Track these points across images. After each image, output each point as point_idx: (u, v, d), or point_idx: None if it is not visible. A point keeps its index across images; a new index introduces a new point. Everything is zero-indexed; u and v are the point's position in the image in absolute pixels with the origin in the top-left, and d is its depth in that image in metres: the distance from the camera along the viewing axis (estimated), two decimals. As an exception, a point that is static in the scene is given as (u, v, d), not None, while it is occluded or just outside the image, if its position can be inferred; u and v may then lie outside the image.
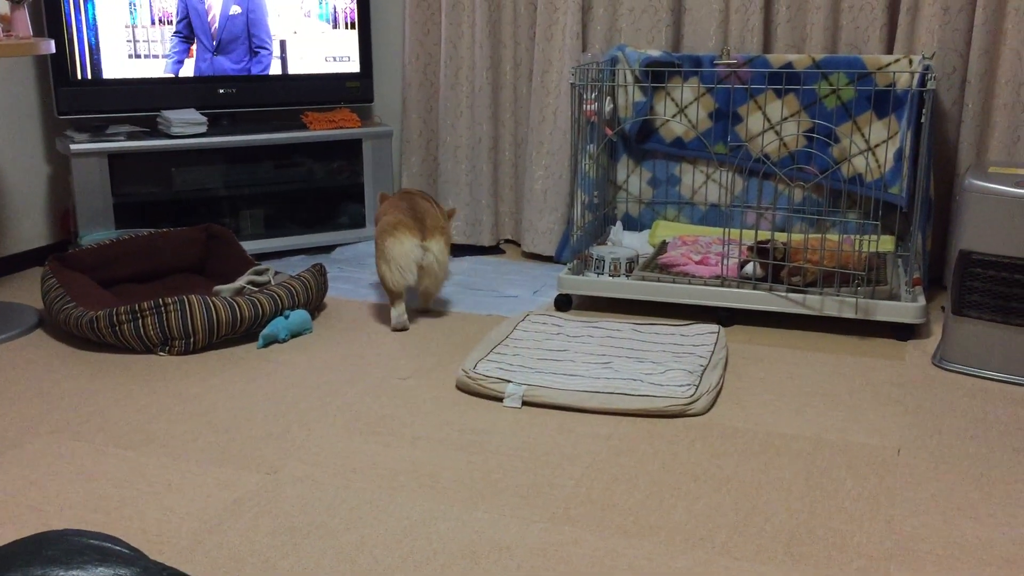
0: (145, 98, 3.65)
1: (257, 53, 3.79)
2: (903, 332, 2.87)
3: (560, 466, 2.08)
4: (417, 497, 1.95)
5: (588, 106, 3.24)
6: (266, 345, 2.84)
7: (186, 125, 3.59)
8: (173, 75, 3.69)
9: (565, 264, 3.49)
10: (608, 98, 3.42)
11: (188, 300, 2.74)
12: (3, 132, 3.53)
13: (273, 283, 3.05)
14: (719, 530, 1.82)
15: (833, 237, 3.14)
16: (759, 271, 2.95)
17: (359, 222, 3.96)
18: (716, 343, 2.72)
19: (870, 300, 2.83)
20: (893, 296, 2.86)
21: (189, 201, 3.70)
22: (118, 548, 0.97)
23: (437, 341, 2.88)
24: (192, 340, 2.76)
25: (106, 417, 2.34)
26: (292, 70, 3.86)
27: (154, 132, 3.67)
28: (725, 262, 3.00)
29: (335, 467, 2.08)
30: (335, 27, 3.90)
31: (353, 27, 3.92)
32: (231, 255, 3.32)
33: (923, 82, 2.89)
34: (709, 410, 2.37)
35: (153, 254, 3.26)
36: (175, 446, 2.19)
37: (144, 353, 2.78)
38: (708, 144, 3.41)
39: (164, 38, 3.65)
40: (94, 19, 3.53)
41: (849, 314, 2.85)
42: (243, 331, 2.84)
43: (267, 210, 3.84)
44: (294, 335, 2.91)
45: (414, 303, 3.17)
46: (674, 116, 3.47)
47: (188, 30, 3.68)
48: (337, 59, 3.92)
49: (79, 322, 2.77)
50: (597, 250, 3.21)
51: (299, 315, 2.92)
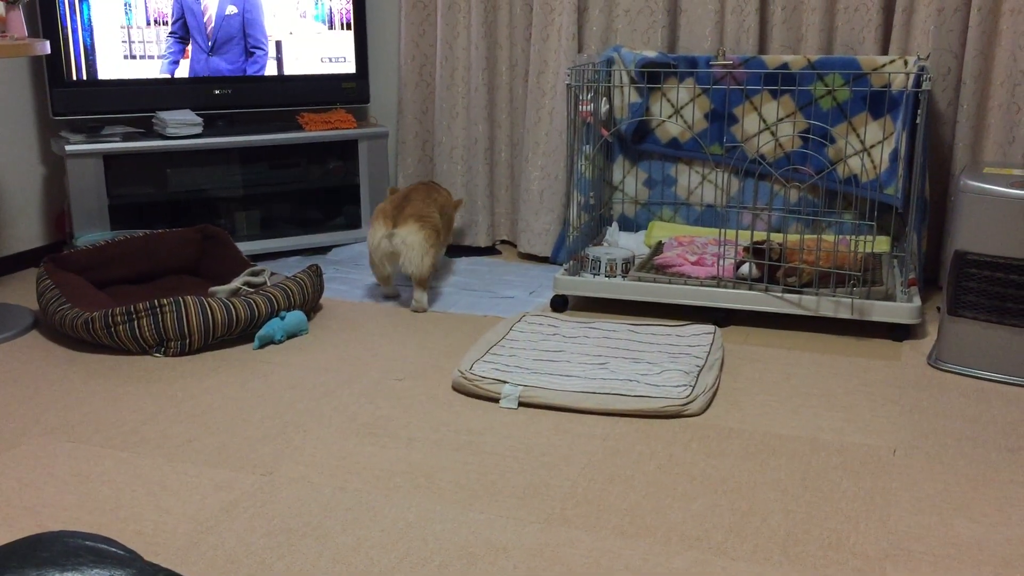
0: (140, 99, 3.65)
1: (253, 54, 3.78)
2: (899, 332, 2.87)
3: (556, 467, 2.08)
4: (413, 498, 1.95)
5: (584, 107, 3.24)
6: (262, 346, 2.84)
7: (181, 126, 3.59)
8: (168, 76, 3.69)
9: (561, 265, 3.49)
10: (604, 99, 3.42)
11: (184, 301, 2.74)
12: (-2, 133, 3.53)
13: (269, 284, 3.04)
14: (715, 530, 1.82)
15: (829, 238, 3.15)
16: (755, 272, 2.95)
17: (355, 223, 3.95)
18: (712, 344, 2.72)
19: (866, 301, 2.84)
20: (889, 297, 2.86)
21: (185, 202, 3.70)
22: (113, 549, 0.97)
23: (433, 342, 2.88)
24: (188, 341, 2.75)
25: (101, 418, 2.34)
26: (288, 71, 3.86)
27: (149, 133, 3.66)
28: (721, 263, 3.00)
29: (331, 468, 2.08)
30: (331, 28, 3.90)
31: (349, 28, 3.92)
32: (227, 256, 3.32)
33: (918, 83, 2.90)
34: (705, 411, 2.37)
35: (149, 255, 3.26)
36: (171, 447, 2.18)
37: (140, 354, 2.78)
38: (704, 145, 3.42)
39: (160, 39, 3.65)
40: (89, 20, 3.52)
41: (845, 315, 2.86)
42: (239, 332, 2.84)
43: (263, 211, 3.83)
44: (290, 336, 2.91)
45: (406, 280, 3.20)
46: (670, 117, 3.47)
47: (184, 30, 3.68)
48: (333, 60, 3.92)
49: (74, 323, 2.77)
50: (593, 251, 3.21)
51: (295, 316, 2.92)
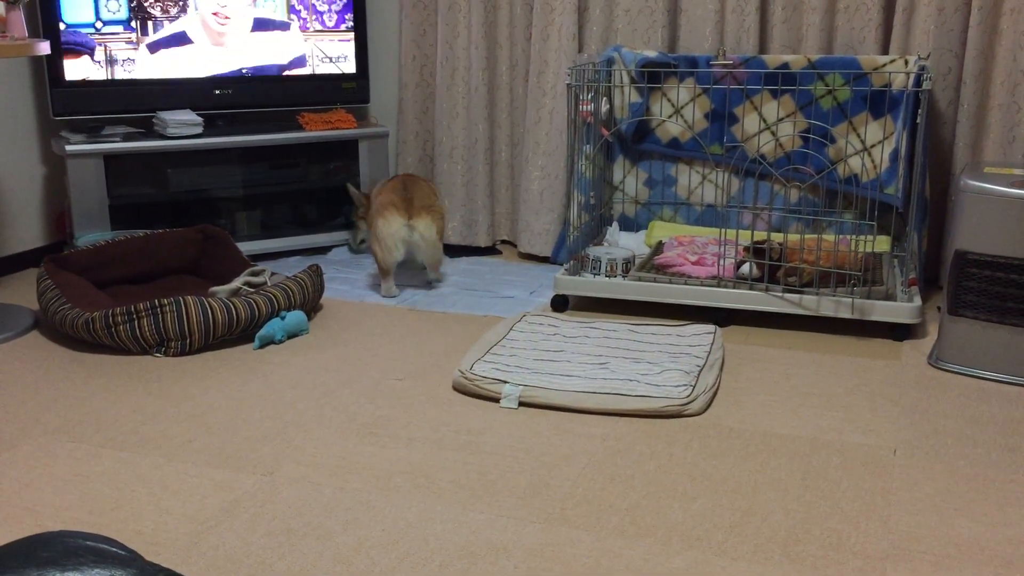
0: (141, 99, 3.65)
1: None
2: (899, 332, 2.87)
3: (557, 466, 2.08)
4: (414, 498, 1.95)
5: (584, 107, 3.24)
6: (262, 346, 2.84)
7: (182, 126, 3.59)
8: (169, 76, 3.68)
9: (561, 265, 3.49)
10: (604, 99, 3.42)
11: (184, 301, 2.74)
12: (-2, 133, 3.53)
13: (269, 284, 3.04)
14: (716, 530, 1.82)
15: (829, 237, 3.15)
16: (755, 271, 2.95)
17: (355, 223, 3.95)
18: (712, 343, 2.72)
19: (866, 300, 2.84)
20: (889, 296, 2.86)
21: (185, 202, 3.69)
22: (114, 549, 0.97)
23: (433, 342, 2.88)
24: (188, 341, 2.75)
25: (102, 418, 2.34)
26: (288, 71, 3.86)
27: (150, 133, 3.66)
28: (721, 262, 3.00)
29: (331, 468, 2.08)
30: (333, 28, 3.90)
31: (349, 28, 3.92)
32: (227, 256, 3.32)
33: (919, 82, 2.90)
34: (706, 410, 2.37)
35: (149, 255, 3.26)
36: (171, 447, 2.18)
37: (140, 354, 2.78)
38: (704, 145, 3.41)
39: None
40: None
41: (845, 314, 2.86)
42: (239, 332, 2.84)
43: (263, 211, 3.83)
44: (290, 336, 2.91)
45: (407, 279, 3.18)
46: (670, 117, 3.47)
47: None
48: (333, 60, 3.92)
49: (75, 323, 2.77)
50: (593, 251, 3.21)
51: (295, 316, 2.91)
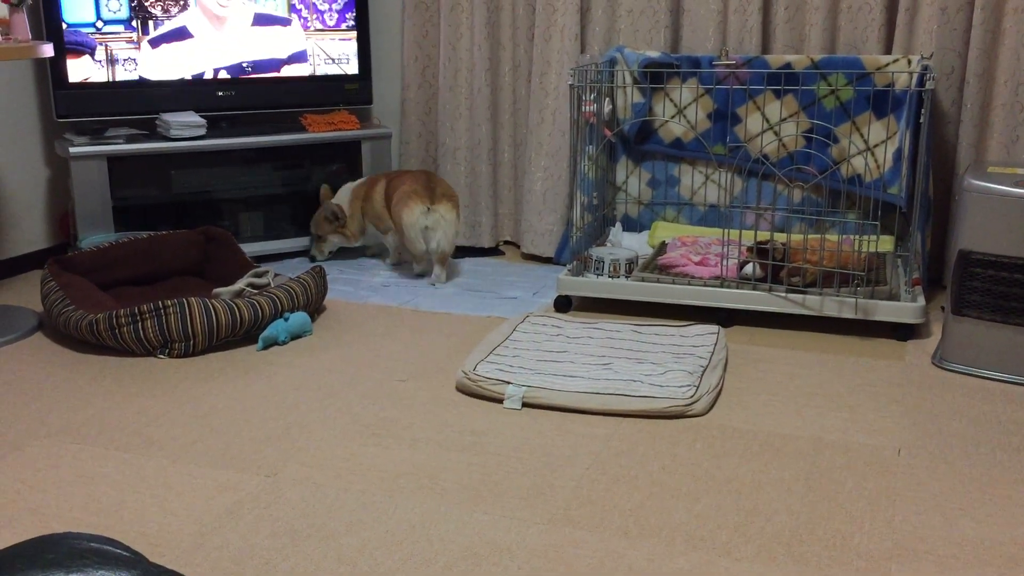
0: (144, 101, 3.65)
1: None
2: (903, 332, 2.87)
3: (560, 467, 2.08)
4: (417, 499, 1.95)
5: (587, 107, 3.24)
6: (266, 347, 2.84)
7: (185, 127, 3.59)
8: (174, 77, 3.69)
9: (564, 265, 3.49)
10: (607, 99, 3.42)
11: (188, 303, 2.74)
12: (2, 135, 3.53)
13: (272, 285, 3.04)
14: (720, 531, 1.82)
15: (832, 237, 3.14)
16: (759, 271, 2.95)
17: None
18: (716, 344, 2.71)
19: (870, 300, 2.83)
20: (893, 296, 2.86)
21: (188, 203, 3.70)
22: (118, 551, 0.97)
23: (436, 343, 2.88)
24: (192, 343, 2.75)
25: (105, 420, 2.34)
26: (291, 72, 3.86)
27: (153, 135, 3.66)
28: (725, 263, 3.00)
29: (335, 469, 2.08)
30: (335, 28, 3.90)
31: (352, 29, 3.92)
32: (230, 257, 3.32)
33: (922, 82, 2.90)
34: (709, 411, 2.37)
35: (152, 257, 3.26)
36: (175, 449, 2.18)
37: (144, 356, 2.78)
38: (707, 145, 3.41)
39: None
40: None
41: (849, 314, 2.85)
42: (242, 333, 2.84)
43: (266, 212, 3.83)
44: (294, 337, 2.91)
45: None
46: (673, 117, 3.47)
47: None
48: (336, 61, 3.92)
49: (79, 325, 2.77)
50: (596, 251, 3.21)
51: (299, 317, 2.92)
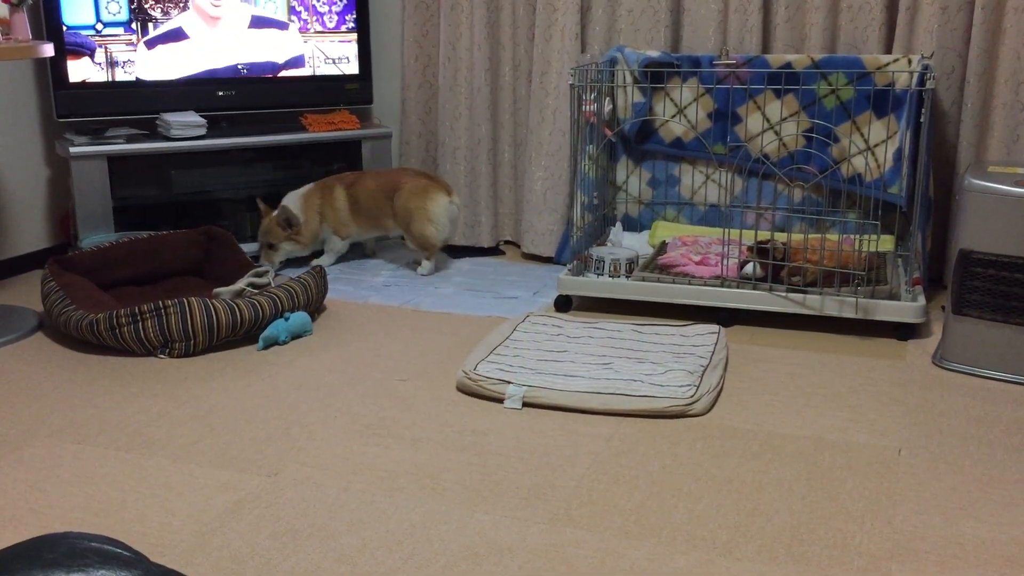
0: (144, 101, 3.65)
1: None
2: (903, 332, 2.87)
3: (561, 467, 2.08)
4: (418, 499, 1.95)
5: (587, 107, 3.24)
6: (266, 347, 2.84)
7: (185, 127, 3.59)
8: (172, 77, 3.69)
9: (565, 265, 3.49)
10: (607, 99, 3.42)
11: (188, 302, 2.74)
12: (3, 135, 3.53)
13: (273, 285, 3.05)
14: (720, 530, 1.82)
15: (833, 237, 3.14)
16: (759, 271, 2.95)
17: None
18: (716, 343, 2.72)
19: (870, 300, 2.83)
20: (893, 296, 2.86)
21: (189, 203, 3.70)
22: (119, 551, 0.97)
23: (437, 342, 2.88)
24: (192, 342, 2.75)
25: (106, 420, 2.34)
26: (291, 72, 3.86)
27: (153, 134, 3.67)
28: (725, 262, 3.00)
29: (336, 469, 2.08)
30: (334, 29, 3.90)
31: (352, 31, 3.92)
32: (231, 257, 3.32)
33: (922, 82, 2.90)
34: (710, 410, 2.37)
35: (153, 257, 3.26)
36: (175, 448, 2.18)
37: (144, 356, 2.78)
38: (707, 144, 3.41)
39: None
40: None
41: (849, 314, 2.85)
42: (243, 333, 2.84)
43: (267, 212, 3.83)
44: (294, 337, 2.91)
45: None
46: (673, 116, 3.47)
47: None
48: (336, 61, 3.92)
49: (79, 325, 2.77)
50: (597, 251, 3.21)
51: (299, 317, 2.92)
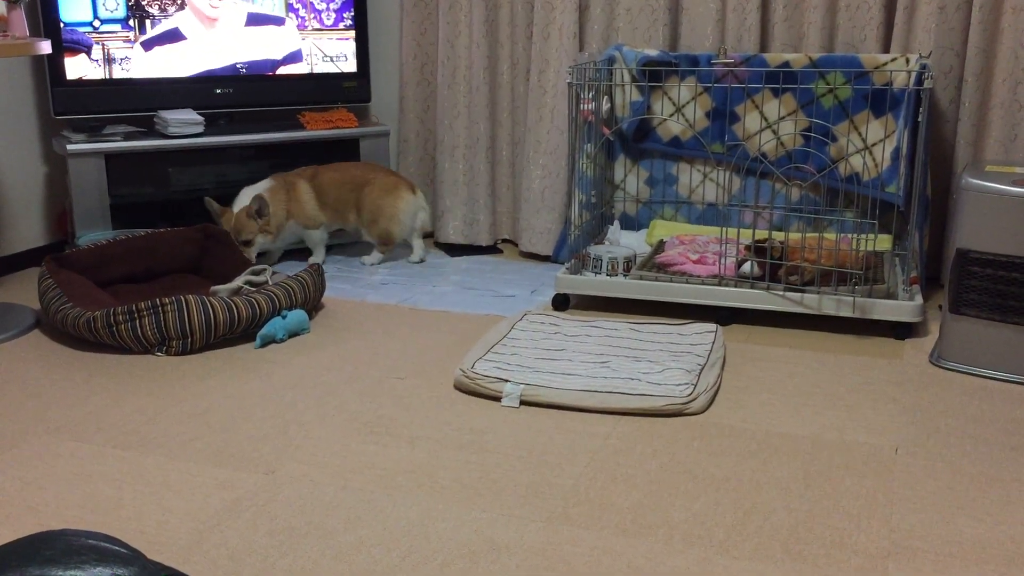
0: (142, 98, 3.65)
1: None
2: (901, 331, 2.87)
3: (558, 465, 2.08)
4: (415, 497, 1.95)
5: (585, 105, 3.24)
6: (264, 345, 2.84)
7: (183, 125, 3.59)
8: (170, 75, 3.68)
9: (563, 263, 3.49)
10: (605, 97, 3.42)
11: (185, 300, 2.74)
12: (0, 133, 3.53)
13: (270, 283, 3.04)
14: (718, 529, 1.82)
15: (830, 236, 3.15)
16: (757, 270, 2.95)
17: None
18: (714, 342, 2.72)
19: (868, 299, 2.84)
20: (891, 295, 2.86)
21: (186, 201, 3.69)
22: (116, 548, 0.97)
23: (435, 341, 2.88)
24: (189, 340, 2.75)
25: (103, 417, 2.34)
26: (289, 70, 3.86)
27: (151, 132, 3.66)
28: (723, 261, 3.00)
29: (333, 467, 2.08)
30: (332, 27, 3.90)
31: (349, 28, 3.92)
32: (228, 255, 3.32)
33: (920, 81, 2.90)
34: (707, 409, 2.37)
35: (150, 254, 3.26)
36: (173, 446, 2.18)
37: (141, 353, 2.78)
38: (705, 143, 3.41)
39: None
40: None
41: (847, 313, 2.86)
42: (240, 331, 2.84)
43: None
44: (292, 335, 2.91)
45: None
46: (671, 115, 3.47)
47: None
48: (334, 59, 3.92)
49: (76, 322, 2.77)
50: (595, 249, 3.21)
51: (296, 315, 2.92)
